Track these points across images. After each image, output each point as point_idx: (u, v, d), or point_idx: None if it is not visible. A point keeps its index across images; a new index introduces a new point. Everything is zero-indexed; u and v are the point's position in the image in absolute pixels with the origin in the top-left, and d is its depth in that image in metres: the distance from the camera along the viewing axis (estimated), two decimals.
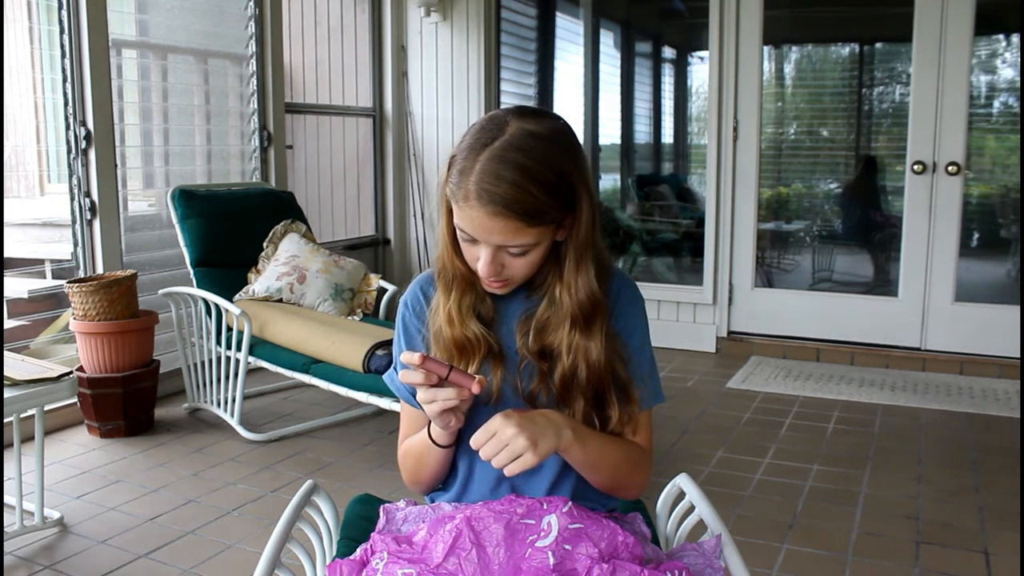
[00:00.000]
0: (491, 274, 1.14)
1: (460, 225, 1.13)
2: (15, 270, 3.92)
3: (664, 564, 1.11)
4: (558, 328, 1.19)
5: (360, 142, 5.18)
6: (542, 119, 1.13)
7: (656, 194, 5.40)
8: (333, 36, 4.94)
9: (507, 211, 1.07)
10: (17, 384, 2.30)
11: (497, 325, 1.23)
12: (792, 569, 2.27)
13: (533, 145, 1.09)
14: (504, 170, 1.07)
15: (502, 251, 1.13)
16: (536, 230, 1.11)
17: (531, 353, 1.20)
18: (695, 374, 4.22)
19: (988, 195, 4.31)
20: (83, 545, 2.40)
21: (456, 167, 1.12)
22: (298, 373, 3.10)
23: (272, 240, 3.62)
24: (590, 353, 1.18)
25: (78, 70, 3.41)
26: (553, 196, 1.10)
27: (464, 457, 1.26)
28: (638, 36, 5.59)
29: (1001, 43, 4.23)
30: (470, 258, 1.17)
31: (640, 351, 1.25)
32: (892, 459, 3.07)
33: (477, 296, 1.22)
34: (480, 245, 1.14)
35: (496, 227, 1.09)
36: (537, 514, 1.07)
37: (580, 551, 1.04)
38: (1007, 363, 4.09)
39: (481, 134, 1.11)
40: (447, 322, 1.21)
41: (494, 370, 1.20)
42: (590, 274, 1.17)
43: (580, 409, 1.19)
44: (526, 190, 1.07)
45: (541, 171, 1.08)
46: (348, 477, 2.90)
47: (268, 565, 1.15)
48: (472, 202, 1.09)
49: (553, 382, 1.19)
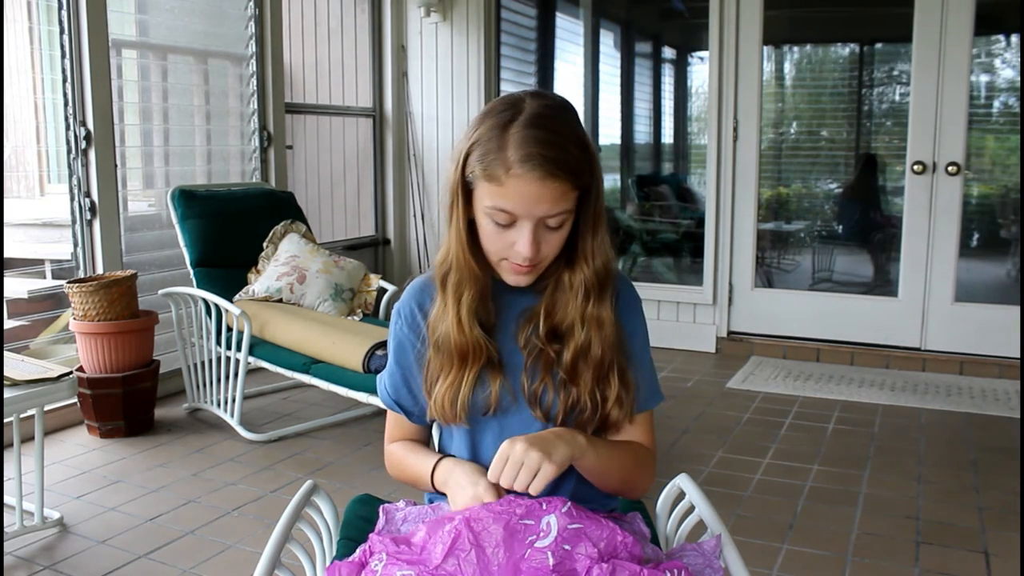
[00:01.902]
0: (532, 253, 1.11)
1: (499, 205, 1.10)
2: (15, 270, 3.92)
3: (664, 564, 1.11)
4: (568, 305, 1.19)
5: (360, 142, 5.19)
6: (551, 96, 1.15)
7: (656, 194, 5.40)
8: (333, 36, 4.94)
9: (557, 171, 1.07)
10: (17, 384, 2.30)
11: (496, 330, 1.22)
12: (792, 569, 2.27)
13: (555, 115, 1.11)
14: (543, 134, 1.08)
15: (540, 226, 1.11)
16: (575, 195, 1.12)
17: (540, 339, 1.19)
18: (695, 374, 4.22)
19: (988, 195, 4.31)
20: (83, 545, 2.40)
21: (479, 150, 1.10)
22: (298, 373, 3.10)
23: (272, 240, 3.62)
24: (603, 323, 1.18)
25: (78, 70, 3.41)
26: (585, 156, 1.11)
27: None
28: (638, 36, 5.59)
29: (1001, 43, 4.23)
30: (502, 245, 1.14)
31: (641, 351, 1.26)
32: (892, 459, 3.07)
33: (482, 300, 1.20)
34: (518, 225, 1.11)
35: (545, 193, 1.08)
36: (536, 514, 1.07)
37: (579, 551, 1.04)
38: (1007, 363, 4.09)
39: (501, 115, 1.11)
40: (456, 328, 1.18)
41: (492, 379, 1.20)
42: (606, 241, 1.18)
43: (587, 387, 1.18)
44: (567, 150, 1.08)
45: (571, 133, 1.11)
46: (348, 477, 2.90)
47: (268, 565, 1.15)
48: (517, 171, 1.07)
49: (562, 365, 1.19)
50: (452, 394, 1.19)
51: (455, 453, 1.27)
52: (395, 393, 1.30)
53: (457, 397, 1.19)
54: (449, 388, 1.19)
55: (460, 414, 1.20)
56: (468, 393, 1.19)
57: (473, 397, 1.19)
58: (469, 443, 1.24)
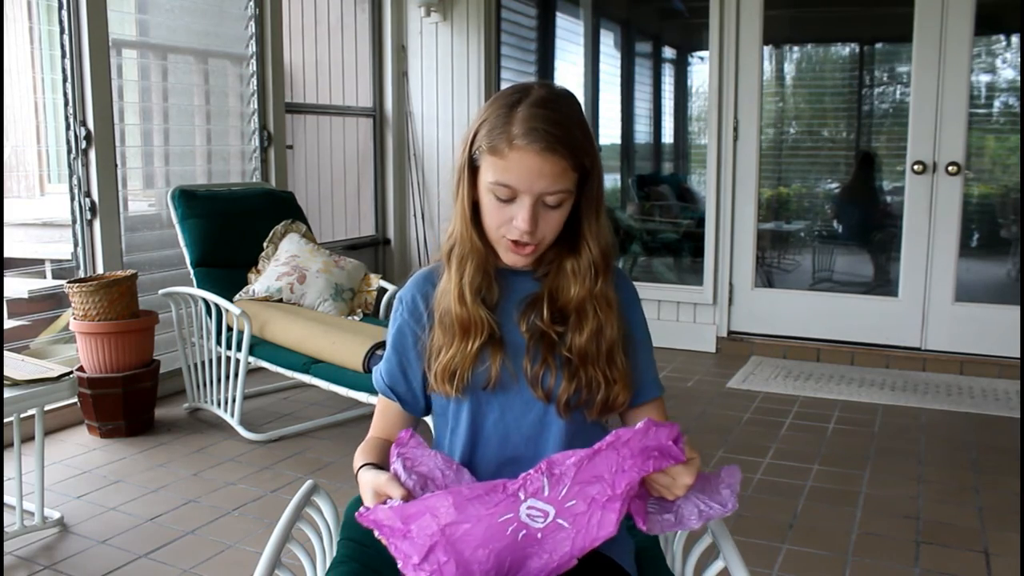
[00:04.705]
0: (530, 229, 1.14)
1: (501, 179, 1.14)
2: (15, 270, 3.91)
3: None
4: (571, 289, 1.21)
5: (360, 142, 5.19)
6: (558, 87, 1.20)
7: (656, 194, 5.40)
8: (333, 36, 4.94)
9: (557, 145, 1.11)
10: (17, 384, 2.30)
11: (499, 312, 1.24)
12: (792, 569, 2.27)
13: (560, 100, 1.16)
14: (548, 113, 1.13)
15: (539, 203, 1.14)
16: (574, 175, 1.15)
17: (544, 322, 1.21)
18: (695, 374, 4.22)
19: (988, 195, 4.31)
20: (83, 545, 2.40)
21: (486, 127, 1.15)
22: (298, 373, 3.10)
23: (272, 240, 3.62)
24: (612, 303, 1.22)
25: (78, 70, 3.41)
26: (587, 140, 1.16)
27: (466, 447, 1.25)
28: (638, 36, 5.59)
29: (1001, 43, 4.23)
30: (501, 220, 1.16)
31: (642, 344, 1.28)
32: (892, 459, 3.07)
33: (486, 278, 1.22)
34: (518, 200, 1.14)
35: (545, 168, 1.12)
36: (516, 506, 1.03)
37: (592, 490, 1.02)
38: (1007, 363, 4.09)
39: (509, 98, 1.16)
40: (457, 300, 1.21)
41: (493, 356, 1.21)
42: (606, 225, 1.23)
43: (597, 369, 1.20)
44: (569, 129, 1.13)
45: (575, 117, 1.16)
46: (348, 477, 2.89)
47: (268, 565, 1.15)
48: (519, 144, 1.11)
49: (571, 347, 1.20)
50: (452, 365, 1.21)
51: (457, 436, 1.26)
52: (390, 379, 1.30)
53: (458, 368, 1.21)
54: (450, 360, 1.21)
55: (459, 385, 1.21)
56: (468, 365, 1.21)
57: (473, 370, 1.21)
58: (471, 423, 1.24)
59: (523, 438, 1.23)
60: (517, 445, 1.23)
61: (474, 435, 1.25)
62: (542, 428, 1.23)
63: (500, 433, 1.23)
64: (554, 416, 1.22)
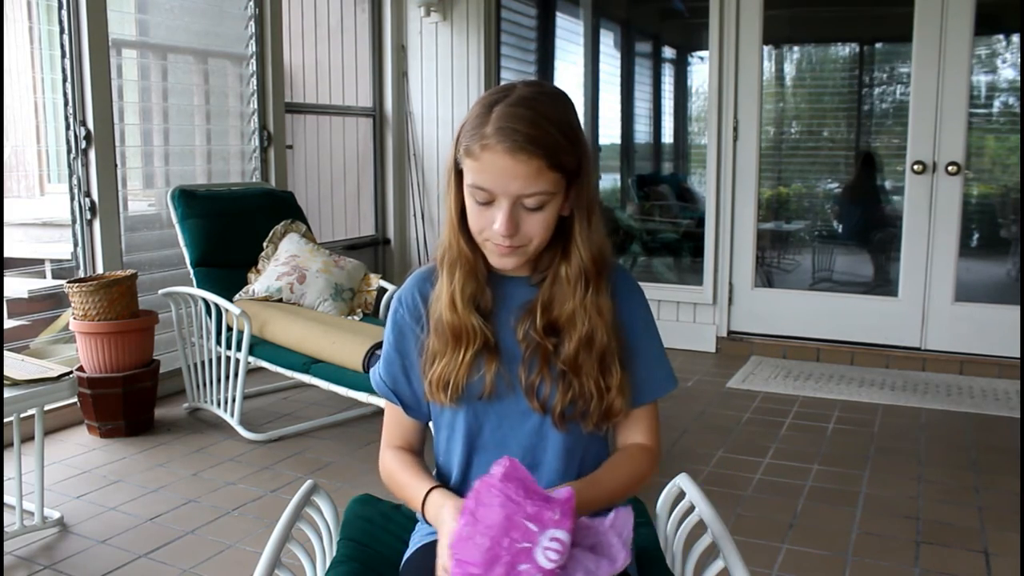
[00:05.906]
0: (508, 232, 1.11)
1: (476, 182, 1.11)
2: (15, 270, 3.91)
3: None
4: (566, 299, 1.19)
5: (360, 142, 5.18)
6: (546, 85, 1.17)
7: (656, 194, 5.40)
8: (333, 36, 4.94)
9: (529, 146, 1.08)
10: (17, 384, 2.30)
11: (495, 319, 1.22)
12: (792, 569, 2.27)
13: (544, 99, 1.12)
14: (523, 113, 1.09)
15: (518, 206, 1.12)
16: (554, 176, 1.11)
17: (538, 333, 1.19)
18: (695, 374, 4.22)
19: (988, 195, 4.31)
20: (83, 545, 2.40)
21: (468, 128, 1.12)
22: (298, 373, 3.10)
23: (272, 240, 3.62)
24: (603, 311, 1.18)
25: (78, 70, 3.41)
26: (568, 140, 1.12)
27: (458, 467, 1.25)
28: (638, 36, 5.59)
29: (1001, 43, 4.23)
30: (483, 224, 1.14)
31: (644, 338, 1.26)
32: (892, 459, 3.07)
33: (478, 285, 1.20)
34: (496, 203, 1.12)
35: (519, 169, 1.08)
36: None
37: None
38: (1007, 363, 4.09)
39: (491, 97, 1.13)
40: (448, 307, 1.19)
41: (488, 365, 1.19)
42: (600, 229, 1.19)
43: (590, 378, 1.18)
44: (545, 129, 1.09)
45: (555, 116, 1.11)
46: (348, 477, 2.90)
47: (268, 565, 1.15)
48: (491, 144, 1.08)
49: (562, 357, 1.18)
50: (446, 375, 1.19)
51: (454, 444, 1.25)
52: (392, 382, 1.28)
53: (451, 378, 1.19)
54: (443, 369, 1.19)
55: (453, 395, 1.19)
56: (463, 374, 1.18)
57: (468, 379, 1.19)
58: (467, 432, 1.23)
59: (521, 448, 1.21)
60: (515, 455, 1.21)
61: (471, 444, 1.23)
62: (539, 439, 1.21)
63: (497, 443, 1.22)
64: (551, 427, 1.20)
